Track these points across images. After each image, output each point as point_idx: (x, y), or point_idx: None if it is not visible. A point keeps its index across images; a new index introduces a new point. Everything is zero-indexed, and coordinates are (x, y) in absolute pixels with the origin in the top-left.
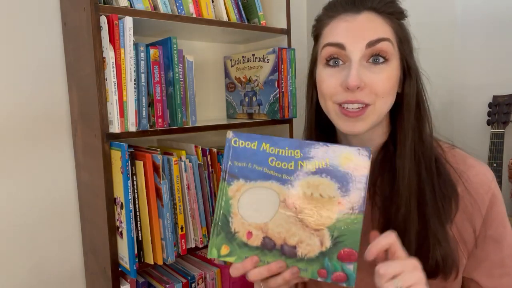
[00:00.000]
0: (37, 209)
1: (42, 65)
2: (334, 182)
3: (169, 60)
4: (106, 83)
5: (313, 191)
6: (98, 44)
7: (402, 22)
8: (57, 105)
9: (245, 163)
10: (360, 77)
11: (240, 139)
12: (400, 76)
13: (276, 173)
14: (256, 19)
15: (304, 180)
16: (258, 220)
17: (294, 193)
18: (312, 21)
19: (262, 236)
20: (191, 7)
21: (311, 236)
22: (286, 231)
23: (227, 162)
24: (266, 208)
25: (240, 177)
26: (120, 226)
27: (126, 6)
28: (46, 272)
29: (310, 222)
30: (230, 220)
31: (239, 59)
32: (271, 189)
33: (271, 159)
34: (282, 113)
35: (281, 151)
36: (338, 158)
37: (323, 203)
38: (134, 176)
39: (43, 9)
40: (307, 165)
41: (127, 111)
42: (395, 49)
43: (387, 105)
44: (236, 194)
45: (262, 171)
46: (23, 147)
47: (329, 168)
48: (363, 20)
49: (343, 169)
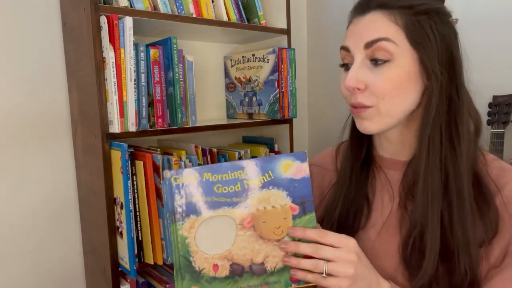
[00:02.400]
0: (37, 209)
1: (42, 65)
2: (282, 191)
3: (169, 60)
4: (106, 83)
5: (265, 205)
6: (98, 44)
7: (426, 18)
8: (57, 105)
9: (190, 198)
10: (358, 78)
11: (179, 175)
12: (422, 75)
13: (226, 199)
14: (256, 19)
15: (254, 197)
16: (220, 250)
17: (248, 212)
18: (312, 21)
19: (229, 264)
20: (191, 7)
21: (275, 247)
22: (251, 251)
23: (172, 203)
24: (225, 236)
25: (190, 213)
26: (120, 226)
27: (126, 6)
28: (46, 272)
29: (270, 234)
30: (192, 260)
31: (239, 59)
32: (225, 215)
33: (216, 186)
34: (282, 113)
35: (224, 176)
36: (279, 167)
37: (278, 213)
38: (134, 176)
39: (43, 9)
40: (253, 182)
41: (127, 111)
42: (403, 47)
43: (397, 105)
44: (191, 232)
45: (211, 200)
46: (23, 147)
47: (273, 179)
48: (366, 21)
49: (286, 176)
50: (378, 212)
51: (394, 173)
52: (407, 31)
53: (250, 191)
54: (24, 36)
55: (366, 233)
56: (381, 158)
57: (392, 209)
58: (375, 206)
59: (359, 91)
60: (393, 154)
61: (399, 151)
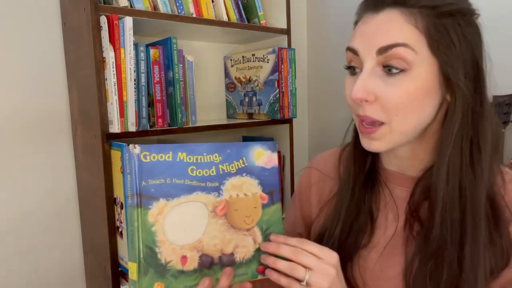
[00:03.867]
0: (37, 209)
1: (42, 65)
2: (254, 179)
3: (169, 60)
4: (106, 83)
5: (238, 192)
6: (98, 44)
7: (449, 20)
8: (57, 105)
9: (162, 179)
10: (367, 88)
11: (151, 152)
12: (442, 86)
13: (200, 183)
14: (256, 19)
15: (228, 183)
16: (190, 240)
17: (221, 199)
18: (312, 21)
19: (198, 256)
20: (191, 7)
21: (244, 237)
22: (221, 240)
23: (138, 183)
24: (196, 224)
25: (160, 196)
26: (120, 226)
27: (126, 6)
28: (46, 272)
29: (241, 223)
30: (158, 251)
31: (239, 59)
32: (198, 201)
33: (191, 168)
34: (282, 113)
35: (199, 158)
36: (252, 155)
37: (249, 201)
38: None
39: (43, 9)
40: (227, 167)
41: (127, 111)
42: (422, 55)
43: (410, 123)
44: (159, 218)
45: (184, 183)
46: (23, 147)
47: (247, 166)
48: (380, 20)
49: (258, 164)
50: (381, 230)
51: (400, 189)
52: (429, 37)
53: (224, 176)
54: (24, 36)
55: (368, 253)
56: (387, 172)
57: (396, 229)
58: (378, 224)
59: (367, 103)
60: (401, 168)
61: (408, 166)
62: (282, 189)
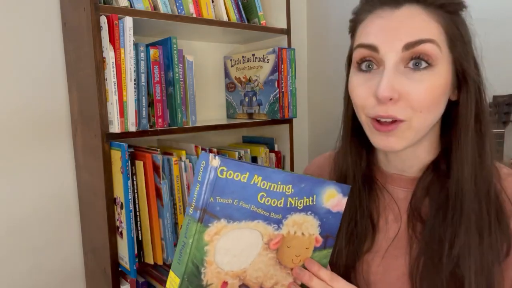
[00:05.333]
0: (37, 209)
1: (42, 65)
2: (317, 220)
3: (169, 60)
4: (106, 83)
5: (296, 230)
6: (98, 44)
7: (458, 17)
8: (57, 105)
9: (231, 199)
10: (394, 86)
11: (228, 168)
12: (453, 83)
13: (264, 212)
14: (256, 19)
15: (291, 218)
16: (236, 267)
17: (279, 233)
18: (312, 21)
19: (239, 285)
20: (191, 7)
21: (287, 276)
22: (264, 274)
23: (207, 197)
24: (247, 252)
25: (222, 217)
26: (120, 226)
27: (126, 6)
28: (46, 272)
29: (288, 261)
30: (203, 272)
31: (239, 59)
32: (256, 229)
33: (261, 195)
34: (282, 113)
35: (272, 186)
36: (323, 194)
37: (303, 241)
38: (134, 176)
39: (43, 9)
40: (296, 202)
41: (127, 111)
42: (444, 52)
43: (428, 121)
44: (214, 238)
45: (250, 209)
46: (23, 147)
47: (315, 205)
48: (403, 15)
49: (325, 206)
50: (382, 234)
51: (400, 190)
52: (449, 34)
53: (290, 211)
54: (24, 36)
55: (372, 257)
56: (384, 173)
57: (399, 230)
58: (379, 227)
59: (391, 101)
60: (400, 170)
61: (408, 167)
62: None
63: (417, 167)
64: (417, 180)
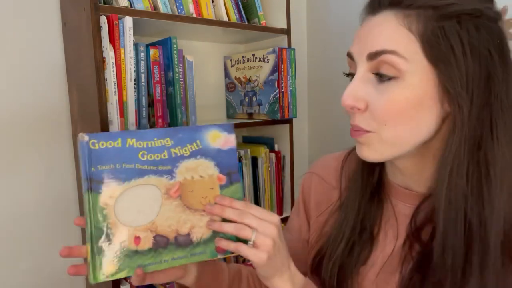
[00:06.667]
0: (37, 209)
1: (42, 65)
2: (210, 160)
3: (169, 60)
4: (106, 83)
5: (193, 174)
6: (98, 44)
7: (451, 23)
8: (57, 105)
9: (112, 164)
10: (357, 95)
11: (99, 139)
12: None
13: (151, 167)
14: (256, 19)
15: (182, 166)
16: (143, 221)
17: (174, 181)
18: (312, 21)
19: (153, 236)
20: (191, 7)
21: (201, 218)
22: (177, 222)
23: (88, 168)
24: (149, 206)
25: (110, 181)
26: None
27: (126, 6)
28: (46, 272)
29: (197, 204)
30: (110, 233)
31: (239, 59)
32: (150, 184)
33: (141, 153)
34: (282, 113)
35: (150, 143)
36: (207, 137)
37: (205, 183)
38: None
39: (43, 9)
40: (180, 151)
41: (127, 111)
42: (414, 63)
43: (403, 134)
44: (109, 201)
45: (135, 168)
46: (23, 147)
47: (202, 149)
48: (374, 23)
49: (214, 147)
50: (379, 248)
51: (403, 205)
52: (424, 42)
53: (177, 159)
54: (24, 36)
55: (367, 271)
56: (392, 185)
57: (395, 247)
58: (377, 241)
59: (358, 111)
60: (406, 183)
61: (413, 182)
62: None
63: (425, 184)
64: (422, 197)
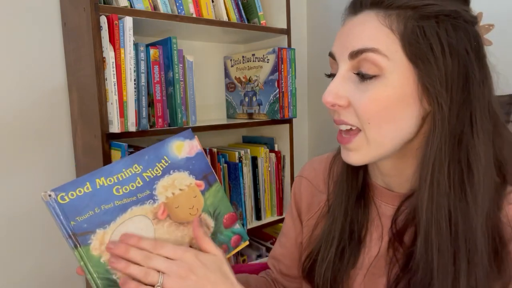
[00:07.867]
0: (37, 209)
1: (42, 65)
2: (183, 171)
3: (169, 60)
4: (106, 83)
5: (172, 190)
6: (98, 44)
7: (430, 22)
8: (57, 105)
9: (90, 211)
10: (338, 93)
11: (67, 191)
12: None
13: (130, 198)
14: (256, 19)
15: (159, 186)
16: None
17: (158, 204)
18: (312, 21)
19: None
20: (191, 7)
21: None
22: (175, 241)
23: (67, 224)
24: (144, 236)
25: (95, 228)
26: None
27: (126, 6)
28: (46, 272)
29: (187, 217)
30: (116, 278)
31: (239, 59)
32: (136, 215)
33: (115, 188)
34: (282, 113)
35: (120, 175)
36: (172, 150)
37: (187, 194)
38: None
39: (43, 9)
40: (151, 172)
41: (127, 111)
42: (397, 61)
43: (385, 132)
44: (103, 248)
45: (115, 205)
46: (23, 147)
47: (171, 163)
48: (355, 23)
49: (182, 157)
50: (366, 250)
51: (386, 207)
52: (404, 41)
53: (152, 182)
54: (24, 36)
55: (356, 274)
56: (375, 186)
57: (380, 249)
58: (364, 243)
59: (341, 107)
60: (387, 184)
61: (395, 183)
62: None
63: (405, 185)
64: (402, 197)
